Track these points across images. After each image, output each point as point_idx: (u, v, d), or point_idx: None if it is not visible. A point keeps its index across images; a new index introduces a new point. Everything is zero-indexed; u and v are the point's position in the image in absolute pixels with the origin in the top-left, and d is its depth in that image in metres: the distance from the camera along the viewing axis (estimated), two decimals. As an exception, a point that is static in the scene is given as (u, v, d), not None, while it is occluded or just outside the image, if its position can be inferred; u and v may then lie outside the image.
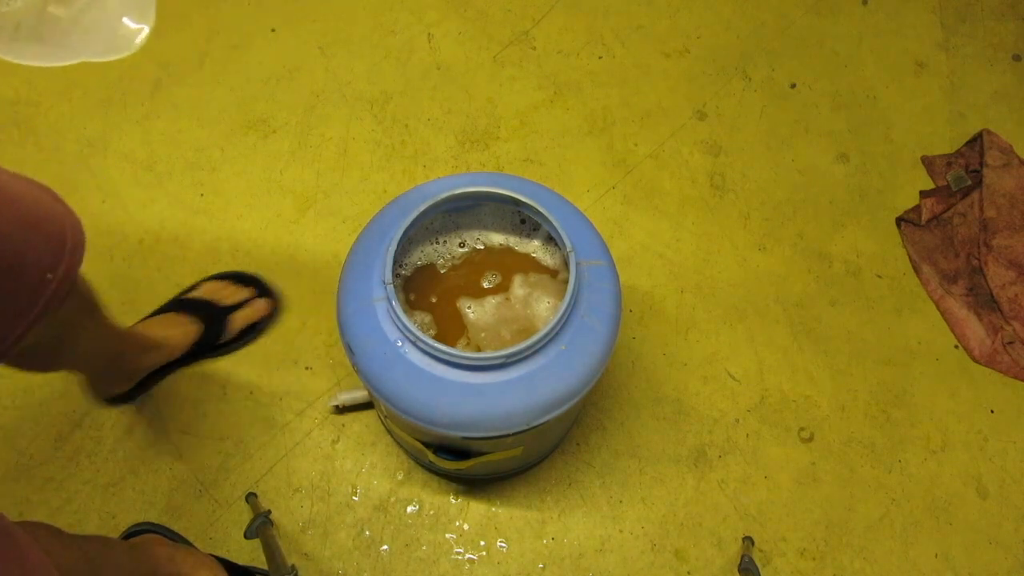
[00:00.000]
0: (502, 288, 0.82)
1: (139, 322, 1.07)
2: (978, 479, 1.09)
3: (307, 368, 1.11)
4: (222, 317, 1.08)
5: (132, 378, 1.03)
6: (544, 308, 0.80)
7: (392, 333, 0.72)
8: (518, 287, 0.82)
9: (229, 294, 1.11)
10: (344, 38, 1.39)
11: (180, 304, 1.09)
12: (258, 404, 1.09)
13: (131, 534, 0.98)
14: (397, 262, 0.78)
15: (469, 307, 0.81)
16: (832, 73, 1.41)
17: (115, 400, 1.06)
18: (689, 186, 1.29)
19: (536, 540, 1.02)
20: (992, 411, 1.14)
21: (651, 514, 1.05)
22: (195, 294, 1.11)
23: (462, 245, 0.85)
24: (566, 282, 0.82)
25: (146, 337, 1.00)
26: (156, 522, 1.00)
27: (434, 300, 0.82)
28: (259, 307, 1.11)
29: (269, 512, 1.01)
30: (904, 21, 1.47)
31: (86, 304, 0.79)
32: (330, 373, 1.11)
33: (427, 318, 0.81)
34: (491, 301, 0.81)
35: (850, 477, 1.09)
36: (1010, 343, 1.17)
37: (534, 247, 0.84)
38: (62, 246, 0.61)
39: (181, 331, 1.05)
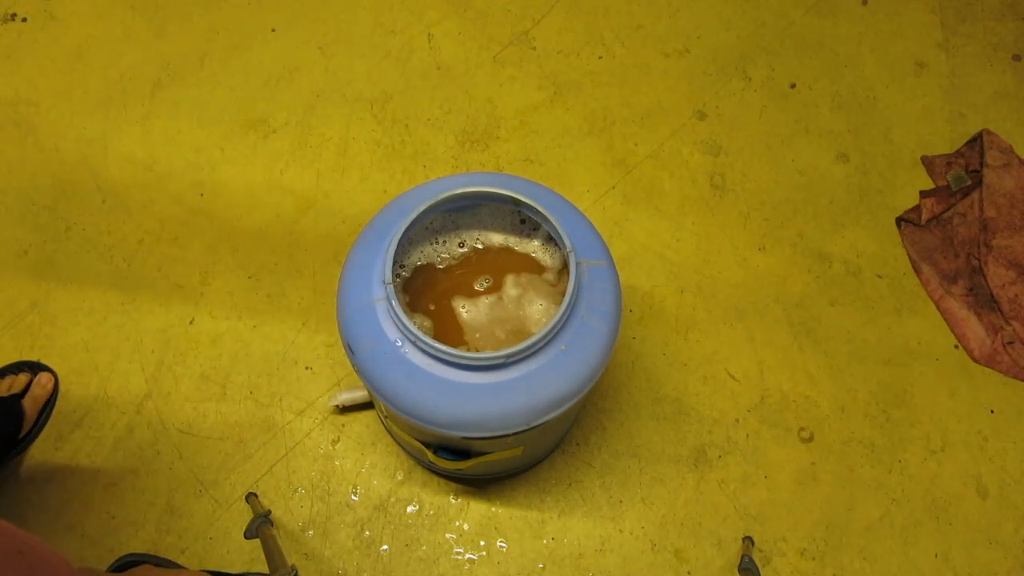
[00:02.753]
0: (495, 288, 0.82)
1: None
2: (978, 479, 1.09)
3: (307, 368, 1.11)
4: (14, 407, 1.01)
5: None
6: (536, 311, 0.80)
7: (392, 333, 0.72)
8: (510, 287, 0.82)
9: (7, 386, 1.03)
10: (344, 38, 1.39)
11: None
12: (258, 404, 1.09)
13: (120, 567, 0.96)
14: (397, 262, 0.78)
15: (464, 307, 0.81)
16: (832, 73, 1.41)
17: None
18: (689, 186, 1.29)
19: (536, 540, 1.02)
20: (992, 411, 1.14)
21: (651, 514, 1.05)
22: None
23: (462, 245, 0.85)
24: (554, 284, 0.82)
25: None
26: (144, 552, 0.98)
27: (434, 300, 0.82)
28: (44, 383, 1.04)
29: (269, 512, 1.01)
30: (904, 21, 1.47)
31: None
32: (330, 373, 1.11)
33: (427, 318, 0.81)
34: (485, 301, 0.81)
35: (850, 477, 1.08)
36: (1010, 343, 1.17)
37: (534, 247, 0.84)
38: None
39: None
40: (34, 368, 1.08)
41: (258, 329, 1.14)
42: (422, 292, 0.82)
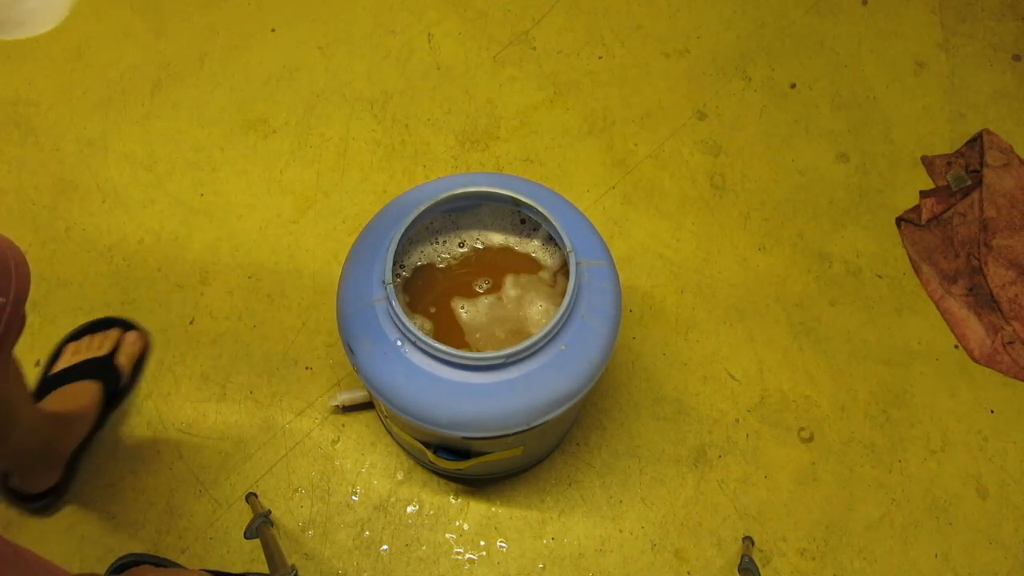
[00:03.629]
0: (495, 288, 0.82)
1: (39, 404, 0.99)
2: (978, 479, 1.09)
3: (307, 368, 1.11)
4: (110, 364, 1.04)
5: (59, 463, 0.98)
6: (536, 311, 0.80)
7: (392, 333, 0.72)
8: (510, 287, 0.82)
9: (99, 343, 1.07)
10: (344, 38, 1.39)
11: (65, 375, 1.03)
12: (258, 404, 1.09)
13: (119, 568, 0.96)
14: (397, 262, 0.78)
15: (463, 307, 0.81)
16: (832, 73, 1.41)
17: (43, 498, 0.97)
18: (689, 186, 1.29)
19: (536, 540, 1.02)
20: (992, 411, 1.14)
21: (651, 514, 1.05)
22: (67, 361, 1.05)
23: (462, 245, 0.85)
24: (552, 285, 0.82)
25: (65, 413, 0.95)
26: (144, 552, 0.99)
27: (434, 300, 0.82)
28: (133, 341, 1.08)
29: (269, 512, 1.01)
30: (904, 21, 1.47)
31: (20, 384, 0.74)
32: (330, 373, 1.11)
33: (427, 318, 0.81)
34: (484, 301, 0.81)
35: (850, 477, 1.08)
36: (1010, 343, 1.17)
37: (534, 247, 0.84)
38: (8, 268, 0.59)
39: (89, 397, 1.00)
40: (123, 324, 1.11)
41: (258, 329, 1.14)
42: (422, 292, 0.82)
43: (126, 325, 1.11)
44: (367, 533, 1.02)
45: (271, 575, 0.89)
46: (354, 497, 1.04)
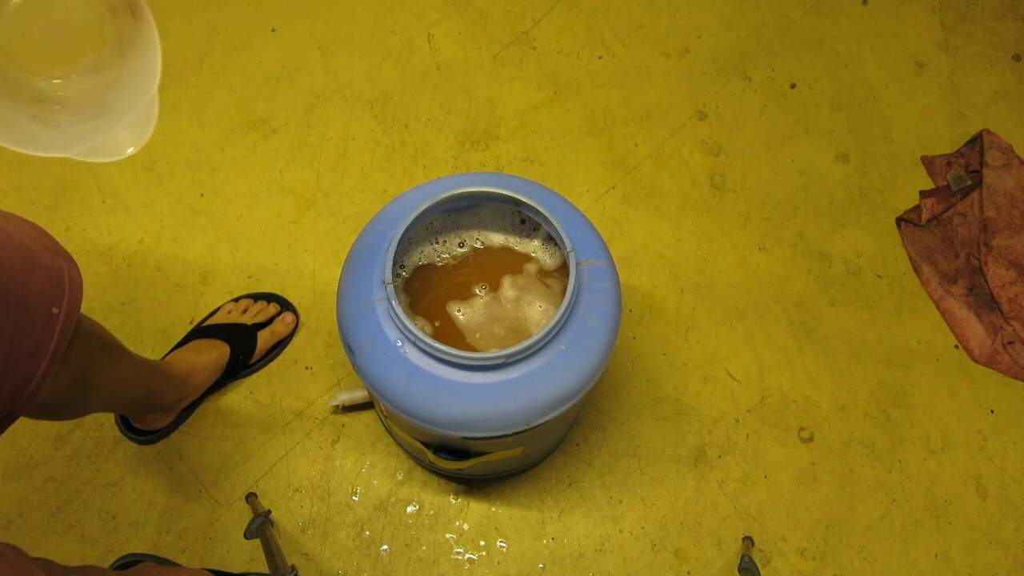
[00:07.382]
0: (494, 289, 0.82)
1: (168, 353, 1.06)
2: (978, 479, 1.09)
3: (307, 368, 1.11)
4: (251, 335, 1.07)
5: (171, 411, 1.02)
6: (536, 312, 0.80)
7: (392, 333, 0.72)
8: (509, 288, 0.82)
9: (254, 312, 1.10)
10: (344, 38, 1.39)
11: (206, 330, 1.07)
12: (258, 404, 1.09)
13: (121, 567, 0.97)
14: (397, 262, 0.78)
15: (463, 307, 0.81)
16: (832, 73, 1.41)
17: (148, 435, 1.04)
18: (689, 186, 1.29)
19: (536, 540, 1.02)
20: (992, 411, 1.14)
21: (651, 514, 1.05)
22: (219, 318, 1.10)
23: (462, 245, 0.85)
24: (553, 285, 0.82)
25: (179, 368, 0.98)
26: (144, 552, 0.99)
27: (434, 300, 0.82)
28: (287, 322, 1.11)
29: (269, 512, 1.01)
30: (904, 21, 1.47)
31: (101, 343, 0.77)
32: (330, 373, 1.11)
33: (427, 318, 0.81)
34: (483, 301, 0.81)
35: (850, 477, 1.09)
36: (1010, 343, 1.17)
37: (534, 247, 0.84)
38: (61, 279, 0.60)
39: (212, 357, 1.03)
40: (284, 304, 1.13)
41: (258, 329, 1.14)
42: (422, 292, 0.82)
43: (287, 306, 1.14)
44: (367, 533, 1.02)
45: (271, 575, 0.90)
46: (354, 497, 1.04)
